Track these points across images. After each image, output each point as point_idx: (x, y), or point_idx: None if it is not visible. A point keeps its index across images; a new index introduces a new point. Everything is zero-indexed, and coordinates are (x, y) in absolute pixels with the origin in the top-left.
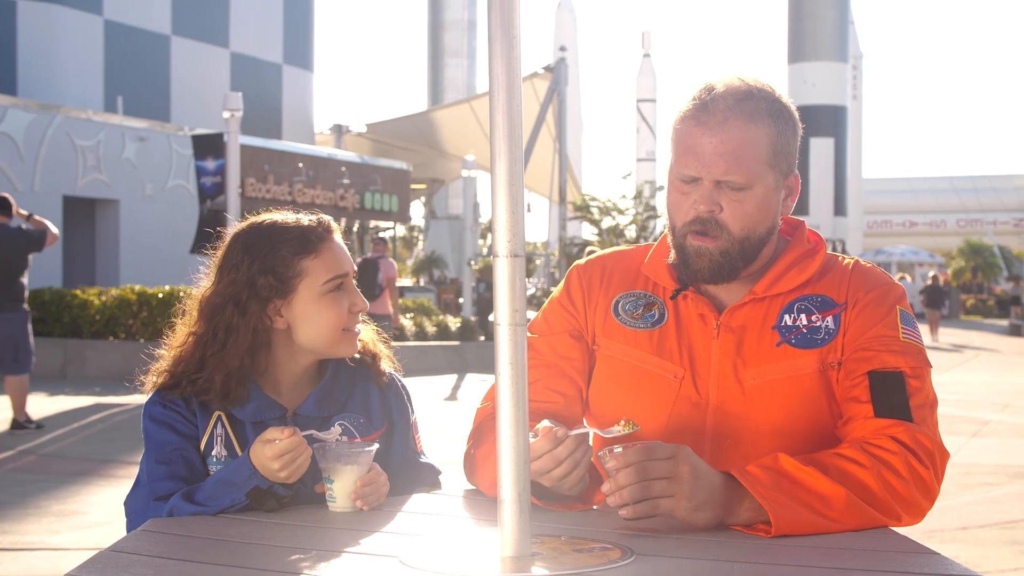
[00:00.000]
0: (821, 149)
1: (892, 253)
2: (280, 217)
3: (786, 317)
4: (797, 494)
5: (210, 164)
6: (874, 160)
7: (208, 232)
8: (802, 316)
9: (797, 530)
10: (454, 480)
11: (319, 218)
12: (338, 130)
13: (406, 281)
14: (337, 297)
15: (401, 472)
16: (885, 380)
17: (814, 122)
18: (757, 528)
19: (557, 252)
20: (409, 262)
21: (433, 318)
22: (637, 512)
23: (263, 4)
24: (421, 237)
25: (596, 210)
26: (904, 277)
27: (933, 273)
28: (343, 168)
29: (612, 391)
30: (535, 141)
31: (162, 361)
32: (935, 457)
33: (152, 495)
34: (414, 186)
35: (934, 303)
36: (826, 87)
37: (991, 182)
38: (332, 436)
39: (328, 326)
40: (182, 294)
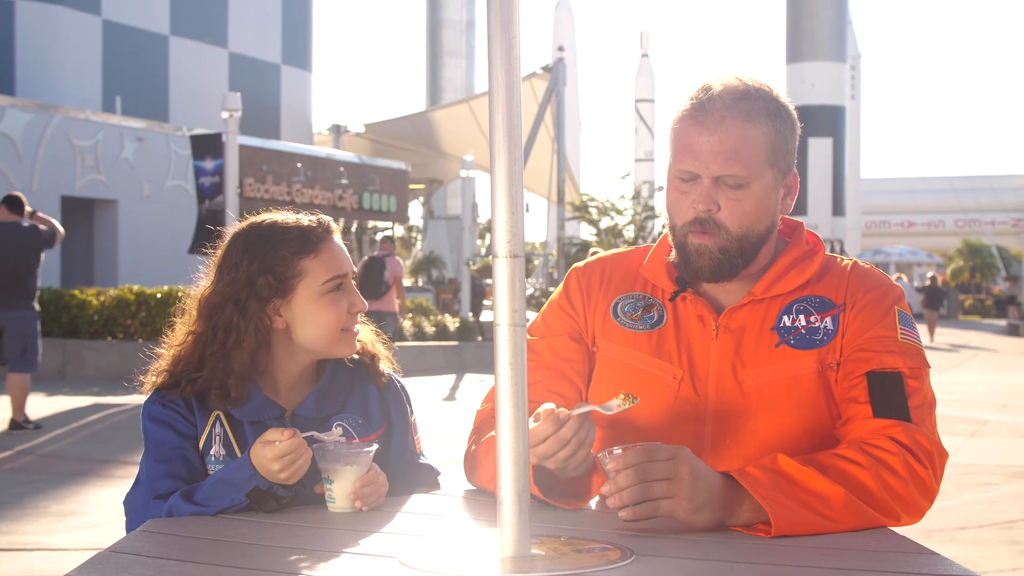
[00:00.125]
0: (819, 149)
1: (890, 253)
2: (280, 217)
3: (785, 318)
4: (796, 494)
5: (208, 164)
6: (872, 160)
7: (207, 232)
8: (801, 317)
9: (797, 530)
10: (454, 481)
11: (319, 218)
12: (336, 130)
13: (404, 281)
14: (336, 297)
15: (400, 473)
16: (884, 381)
17: (812, 122)
18: (757, 529)
19: (555, 252)
20: (407, 262)
21: (431, 318)
22: (637, 514)
23: (261, 4)
24: (419, 237)
25: (594, 210)
26: (901, 277)
27: (931, 274)
28: (341, 168)
29: (612, 392)
30: (533, 141)
31: (161, 360)
32: (934, 457)
33: (151, 493)
34: (412, 186)
35: (932, 303)
36: (824, 87)
37: (989, 182)
38: (333, 437)
39: (327, 326)
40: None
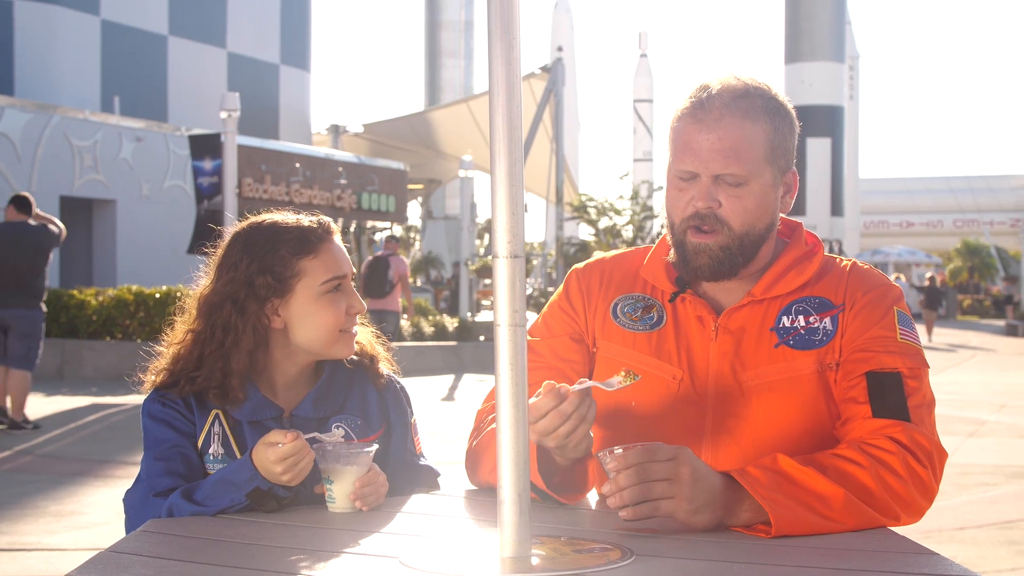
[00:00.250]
0: (818, 149)
1: (889, 253)
2: (280, 217)
3: (784, 319)
4: (796, 494)
5: (207, 164)
6: (871, 160)
7: (205, 232)
8: (800, 318)
9: (797, 530)
10: (454, 481)
11: (319, 219)
12: (335, 130)
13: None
14: (335, 298)
15: (400, 474)
16: (883, 381)
17: (811, 122)
18: (757, 529)
19: (554, 252)
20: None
21: (430, 318)
22: (637, 514)
23: (260, 4)
24: (418, 237)
25: (593, 210)
26: (899, 277)
27: (930, 274)
28: (340, 168)
29: (612, 392)
30: (532, 141)
31: (161, 359)
32: (933, 457)
33: (150, 491)
34: (411, 186)
35: (931, 304)
36: (823, 87)
37: (988, 182)
38: (335, 438)
39: (325, 327)
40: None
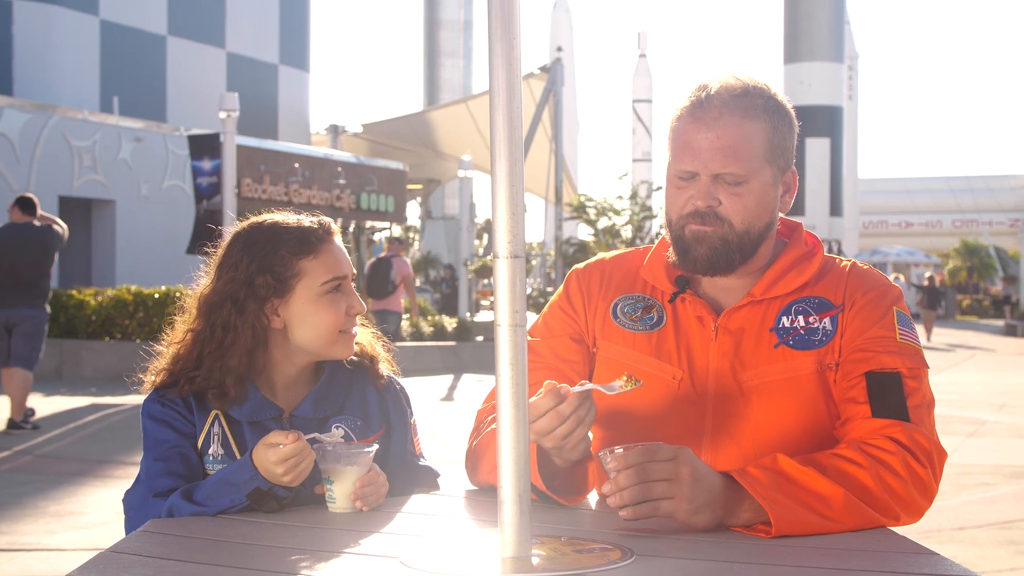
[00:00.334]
0: (817, 149)
1: (888, 253)
2: (281, 217)
3: (784, 319)
4: (796, 494)
5: (206, 164)
6: (870, 160)
7: (205, 232)
8: (800, 318)
9: (797, 530)
10: (454, 481)
11: (320, 220)
12: (334, 130)
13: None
14: (335, 299)
15: (400, 475)
16: (882, 381)
17: (810, 122)
18: (757, 529)
19: (553, 253)
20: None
21: (429, 319)
22: (637, 513)
23: (259, 4)
24: (417, 238)
25: (592, 211)
26: (899, 277)
27: (929, 274)
28: (339, 168)
29: (612, 393)
30: (531, 141)
31: (161, 359)
32: (933, 457)
33: (150, 491)
34: (410, 186)
35: (930, 303)
36: (822, 87)
37: (987, 182)
38: (335, 439)
39: (325, 327)
40: (179, 294)
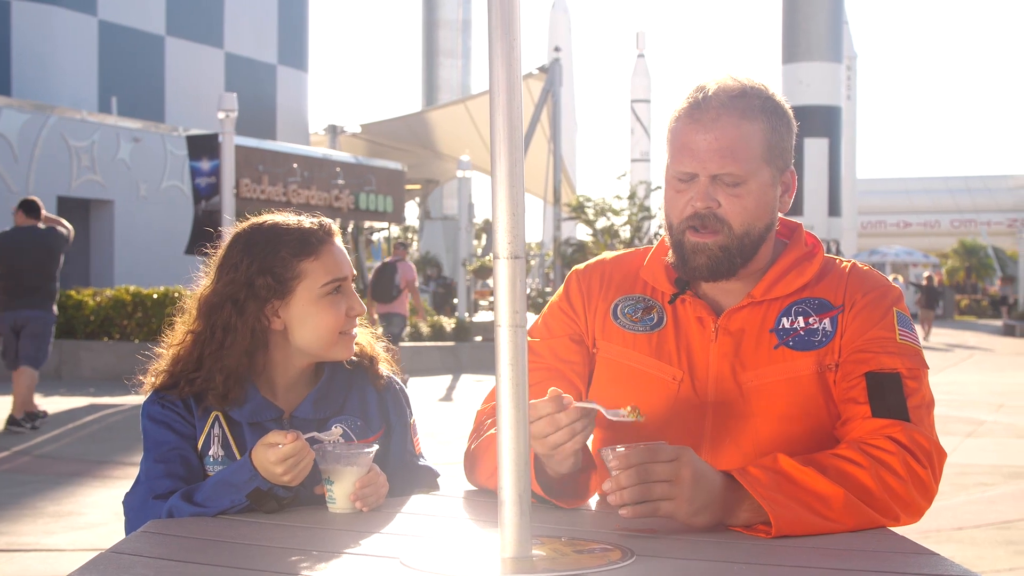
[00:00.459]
0: (815, 149)
1: (886, 253)
2: (281, 218)
3: (784, 320)
4: (796, 494)
5: (205, 165)
6: (868, 161)
7: (203, 233)
8: (800, 319)
9: (796, 530)
10: (453, 481)
11: (320, 221)
12: (333, 131)
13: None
14: (335, 300)
15: (399, 475)
16: (882, 381)
17: (808, 122)
18: (756, 529)
19: (551, 253)
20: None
21: (429, 319)
22: (637, 513)
23: (257, 5)
24: (416, 238)
25: (591, 211)
26: (897, 278)
27: (928, 273)
28: (338, 169)
29: (611, 393)
30: (530, 142)
31: (161, 361)
32: (933, 457)
33: (150, 493)
34: (409, 187)
35: (928, 303)
36: (820, 87)
37: (985, 182)
38: (333, 437)
39: (325, 328)
40: (177, 295)
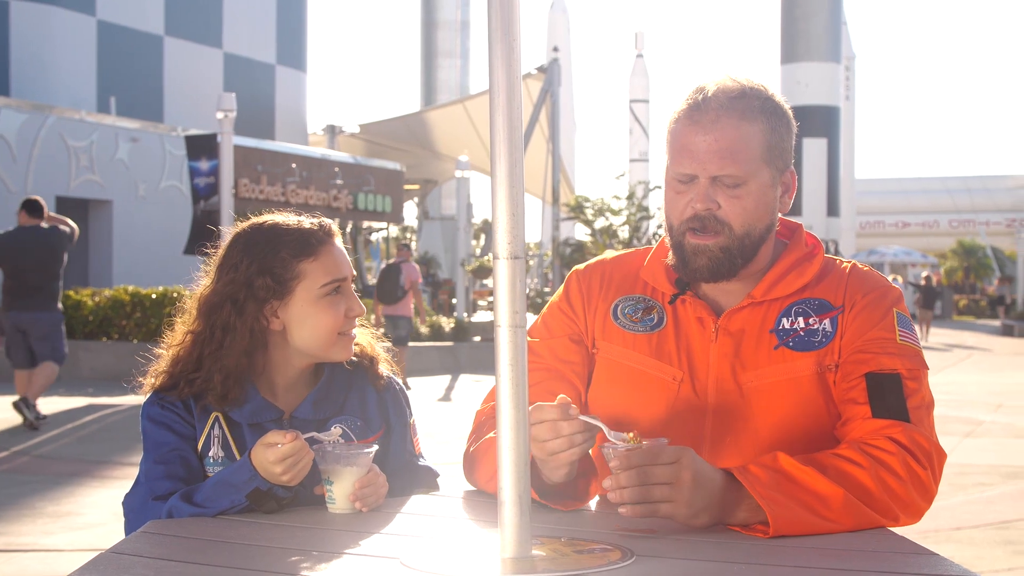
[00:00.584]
0: (814, 150)
1: (885, 253)
2: (282, 219)
3: (784, 320)
4: (795, 494)
5: (203, 165)
6: (867, 161)
7: (202, 233)
8: (800, 319)
9: (795, 530)
10: (453, 481)
11: (320, 221)
12: (331, 131)
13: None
14: (334, 301)
15: (399, 475)
16: (882, 382)
17: (807, 123)
18: (755, 528)
19: (550, 253)
20: None
21: (428, 319)
22: (636, 513)
23: (256, 5)
24: (414, 238)
25: (589, 211)
26: (896, 278)
27: (926, 273)
28: (336, 169)
29: (611, 393)
30: (528, 142)
31: (160, 361)
32: (932, 457)
33: (150, 494)
34: (407, 187)
35: (926, 303)
36: (819, 88)
37: (983, 183)
38: (333, 437)
39: (324, 329)
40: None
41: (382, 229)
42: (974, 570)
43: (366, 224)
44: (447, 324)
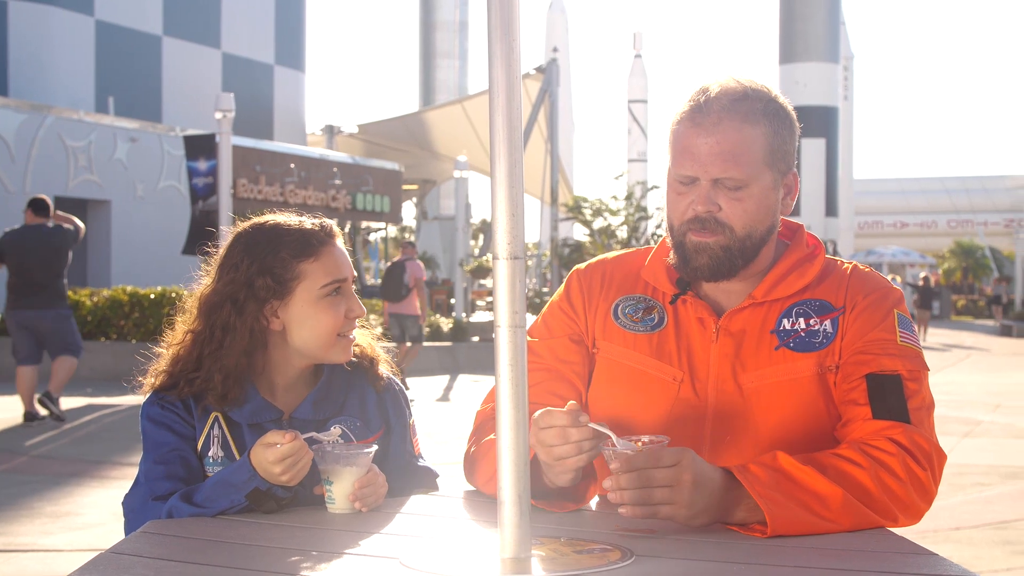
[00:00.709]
0: (812, 150)
1: (883, 254)
2: (283, 219)
3: (784, 321)
4: (794, 493)
5: (202, 165)
6: (865, 161)
7: (200, 233)
8: (800, 320)
9: (793, 530)
10: (452, 481)
11: (322, 222)
12: (330, 131)
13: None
14: (334, 301)
15: (399, 475)
16: (883, 383)
17: (805, 123)
18: (753, 528)
19: (549, 253)
20: None
21: (427, 319)
22: (636, 514)
23: (255, 5)
24: (412, 238)
25: (588, 211)
26: (895, 278)
27: (924, 274)
28: (335, 169)
29: (611, 393)
30: (527, 142)
31: (160, 361)
32: (933, 459)
33: (150, 494)
34: (406, 187)
35: (924, 303)
36: (817, 88)
37: (982, 183)
38: (332, 437)
39: (323, 330)
40: (174, 295)
41: (380, 229)
42: (973, 570)
43: (364, 224)
44: (445, 324)
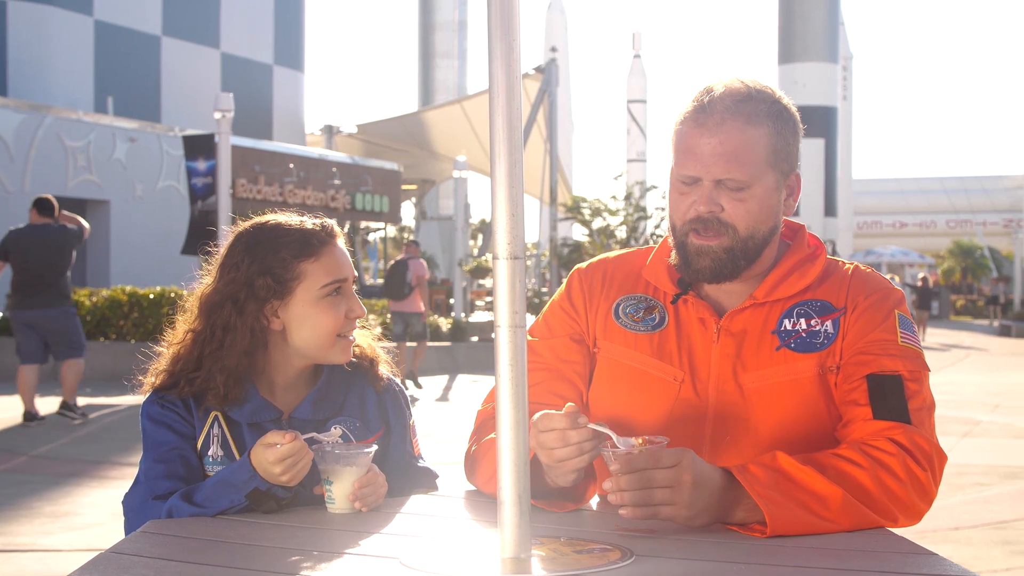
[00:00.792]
0: (811, 150)
1: (882, 254)
2: (284, 219)
3: (786, 322)
4: (794, 493)
5: (201, 165)
6: (864, 161)
7: (199, 233)
8: (801, 320)
9: (792, 530)
10: (452, 481)
11: (323, 222)
12: (329, 131)
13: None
14: (335, 302)
15: (398, 476)
16: (883, 383)
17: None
18: (752, 528)
19: (548, 253)
20: None
21: (428, 318)
22: (636, 515)
23: (254, 5)
24: (412, 238)
25: (587, 211)
26: (894, 278)
27: (923, 274)
28: (334, 169)
29: (612, 393)
30: (526, 142)
31: (161, 360)
32: (933, 459)
33: (150, 494)
34: (405, 187)
35: (923, 303)
36: (816, 88)
37: (981, 183)
38: (332, 438)
39: (323, 330)
40: (173, 295)
41: (380, 229)
42: (972, 570)
43: (364, 224)
44: (445, 324)
